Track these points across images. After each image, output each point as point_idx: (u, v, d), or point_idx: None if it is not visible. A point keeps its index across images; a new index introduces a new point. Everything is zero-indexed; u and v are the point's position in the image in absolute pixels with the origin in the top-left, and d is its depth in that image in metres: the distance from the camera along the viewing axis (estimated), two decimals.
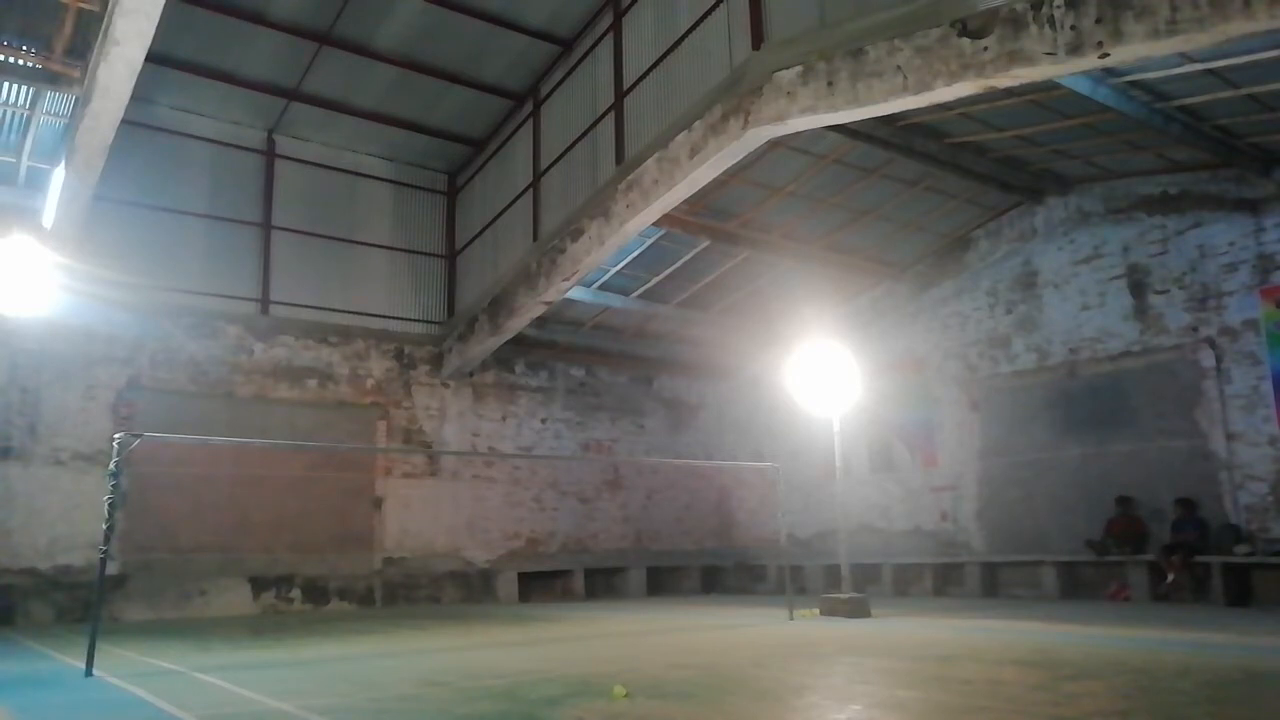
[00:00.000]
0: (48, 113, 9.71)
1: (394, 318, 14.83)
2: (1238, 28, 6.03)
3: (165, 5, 7.63)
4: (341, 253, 14.54)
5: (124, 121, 9.31)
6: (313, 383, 13.77)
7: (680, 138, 10.01)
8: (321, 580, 13.18)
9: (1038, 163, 12.25)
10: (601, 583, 15.50)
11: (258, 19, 12.07)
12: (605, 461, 16.41)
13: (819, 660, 6.58)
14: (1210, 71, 8.79)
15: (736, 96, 9.26)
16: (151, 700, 5.21)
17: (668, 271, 14.34)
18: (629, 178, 10.83)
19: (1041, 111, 10.29)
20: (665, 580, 16.07)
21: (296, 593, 12.94)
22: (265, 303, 13.65)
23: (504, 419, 15.51)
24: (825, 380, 10.88)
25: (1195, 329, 11.57)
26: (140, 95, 9.95)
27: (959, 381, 14.14)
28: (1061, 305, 12.99)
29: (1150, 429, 11.85)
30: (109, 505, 6.58)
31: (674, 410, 17.56)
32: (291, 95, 13.46)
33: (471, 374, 15.16)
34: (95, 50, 8.11)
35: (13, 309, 9.69)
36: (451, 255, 15.46)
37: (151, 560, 11.94)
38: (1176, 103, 9.68)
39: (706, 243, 13.51)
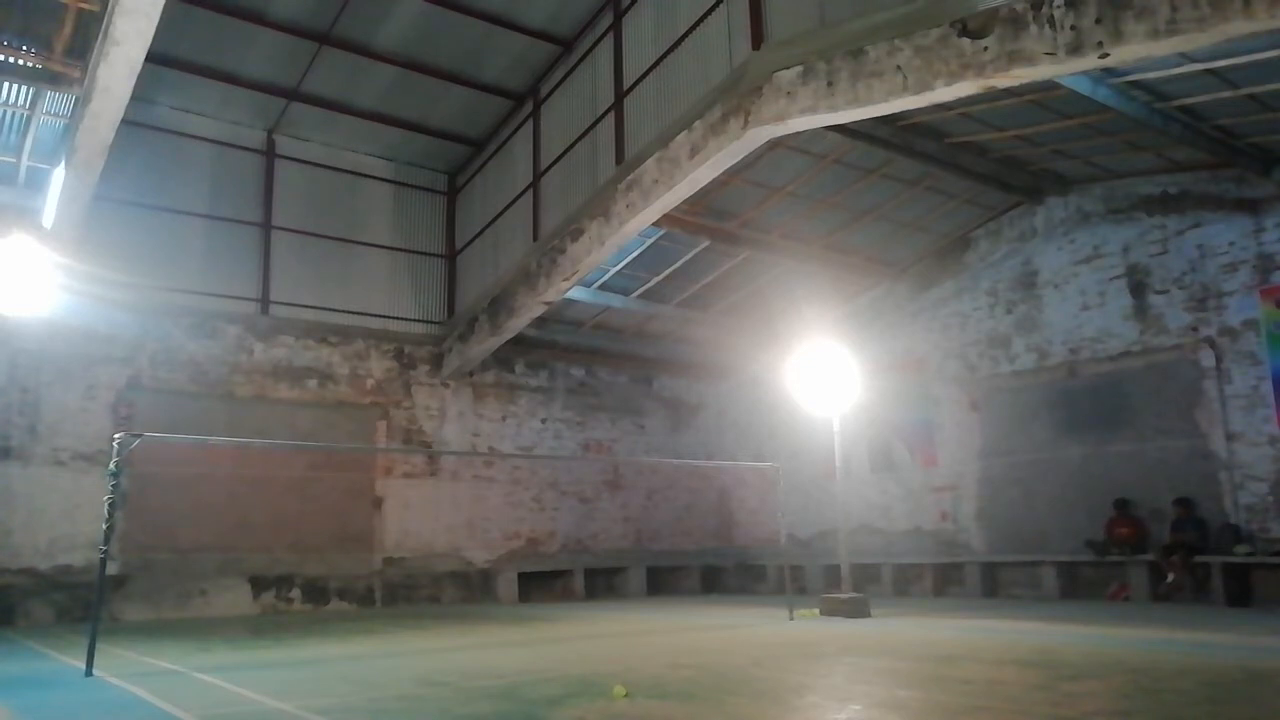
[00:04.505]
0: (48, 113, 9.70)
1: (394, 318, 14.82)
2: (1238, 28, 6.03)
3: (165, 5, 7.62)
4: (341, 253, 14.54)
5: (124, 121, 9.31)
6: (313, 383, 13.77)
7: (680, 138, 10.01)
8: (321, 580, 13.18)
9: (1038, 163, 12.25)
10: (601, 583, 15.51)
11: (258, 19, 12.07)
12: (605, 461, 16.41)
13: (819, 660, 6.58)
14: (1210, 71, 8.79)
15: (736, 96, 9.26)
16: (151, 700, 5.21)
17: (668, 271, 14.33)
18: (629, 178, 10.83)
19: (1041, 111, 10.28)
20: (665, 580, 16.08)
21: (296, 593, 12.94)
22: (265, 303, 13.64)
23: (504, 419, 15.51)
24: (825, 380, 10.88)
25: (1195, 329, 11.57)
26: (140, 95, 9.95)
27: (959, 381, 14.14)
28: (1061, 305, 12.98)
29: (1150, 429, 11.84)
30: (109, 505, 6.59)
31: (674, 410, 17.57)
32: (291, 95, 13.46)
33: (471, 374, 15.17)
34: (95, 50, 8.11)
35: (13, 309, 9.68)
36: (451, 255, 15.46)
37: (151, 560, 11.94)
38: (1176, 103, 9.68)
39: (706, 243, 13.50)
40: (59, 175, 10.21)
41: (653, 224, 11.68)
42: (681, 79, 10.66)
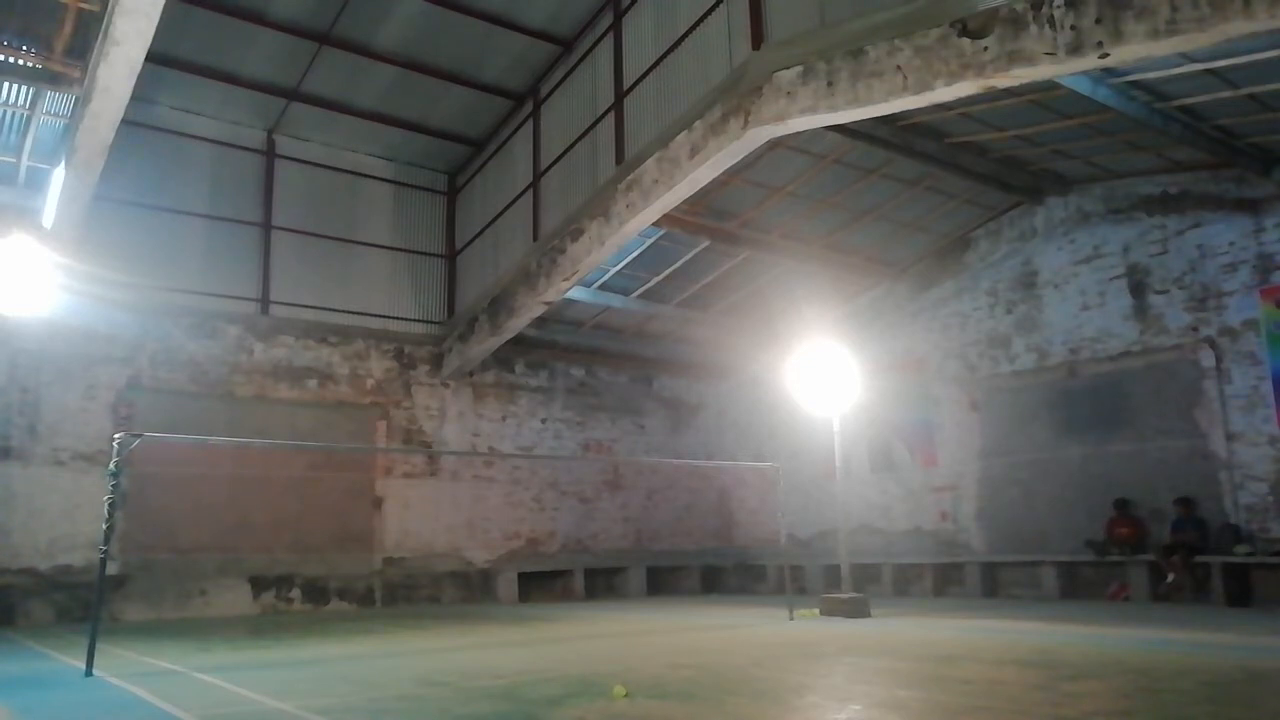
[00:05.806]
0: (48, 113, 9.71)
1: (394, 318, 14.82)
2: (1238, 28, 6.03)
3: (165, 5, 7.62)
4: (341, 253, 14.54)
5: (124, 121, 9.31)
6: (313, 383, 13.77)
7: (680, 138, 10.01)
8: (321, 580, 13.18)
9: (1038, 163, 12.25)
10: (601, 583, 15.50)
11: (258, 19, 12.07)
12: (605, 461, 16.41)
13: (819, 660, 6.58)
14: (1210, 71, 8.79)
15: (736, 96, 9.26)
16: (151, 700, 5.21)
17: (668, 271, 14.34)
18: (629, 178, 10.83)
19: (1041, 111, 10.29)
20: (665, 580, 16.07)
21: (296, 593, 12.94)
22: (265, 303, 13.64)
23: (504, 419, 15.51)
24: (825, 380, 10.88)
25: (1195, 329, 11.57)
26: (140, 95, 9.95)
27: (959, 381, 14.13)
28: (1061, 305, 12.98)
29: (1150, 429, 11.84)
30: (109, 505, 6.58)
31: (674, 410, 17.56)
32: (291, 95, 13.46)
33: (471, 374, 15.17)
34: (95, 50, 8.11)
35: (13, 309, 9.68)
36: (451, 255, 15.46)
37: (151, 560, 11.93)
38: (1176, 103, 9.68)
39: (706, 243, 13.50)
40: (59, 175, 10.21)
41: (653, 224, 11.68)
42: (681, 79, 10.66)
